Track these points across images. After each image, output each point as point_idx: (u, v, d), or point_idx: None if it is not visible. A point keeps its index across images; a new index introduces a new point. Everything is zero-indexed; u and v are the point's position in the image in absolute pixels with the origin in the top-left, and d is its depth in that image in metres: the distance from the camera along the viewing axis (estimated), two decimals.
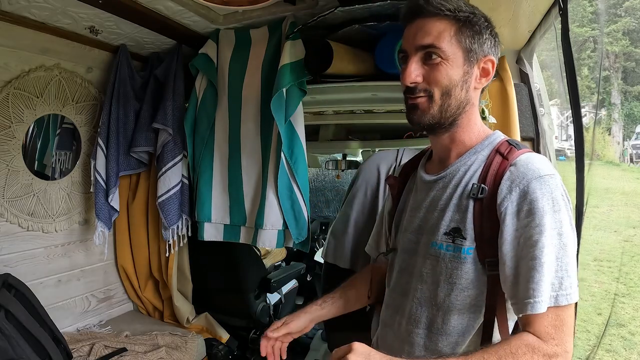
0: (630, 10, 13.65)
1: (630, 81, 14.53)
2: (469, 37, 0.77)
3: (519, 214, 0.70)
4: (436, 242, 0.79)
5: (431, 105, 0.78)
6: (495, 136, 0.83)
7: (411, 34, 0.79)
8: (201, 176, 1.64)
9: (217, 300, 2.07)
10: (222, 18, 1.50)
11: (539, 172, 0.71)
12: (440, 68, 0.77)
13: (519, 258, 0.69)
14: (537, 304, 0.65)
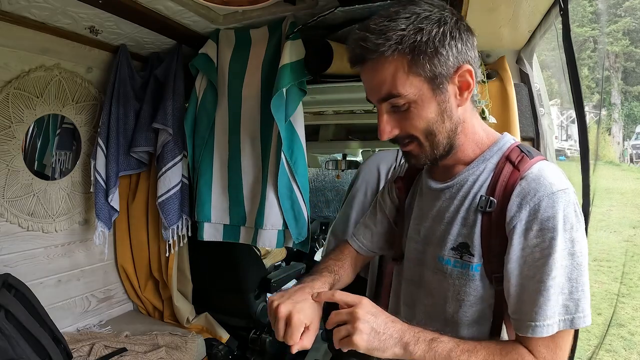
0: (630, 10, 13.64)
1: (630, 81, 14.52)
2: (428, 64, 0.66)
3: (528, 233, 0.66)
4: (443, 257, 0.76)
5: (422, 149, 0.73)
6: (504, 140, 0.77)
7: (366, 84, 0.72)
8: (201, 176, 1.64)
9: (217, 300, 2.07)
10: (222, 18, 1.50)
11: (551, 188, 0.66)
12: (411, 114, 0.70)
13: (524, 278, 0.66)
14: (539, 327, 0.64)
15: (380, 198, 1.01)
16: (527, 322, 0.65)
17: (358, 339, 0.64)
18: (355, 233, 1.02)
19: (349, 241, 1.02)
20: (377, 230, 1.00)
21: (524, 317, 0.66)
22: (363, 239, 1.01)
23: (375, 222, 1.00)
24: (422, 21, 0.65)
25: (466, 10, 0.94)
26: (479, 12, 0.95)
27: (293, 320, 0.68)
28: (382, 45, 0.65)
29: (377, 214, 1.01)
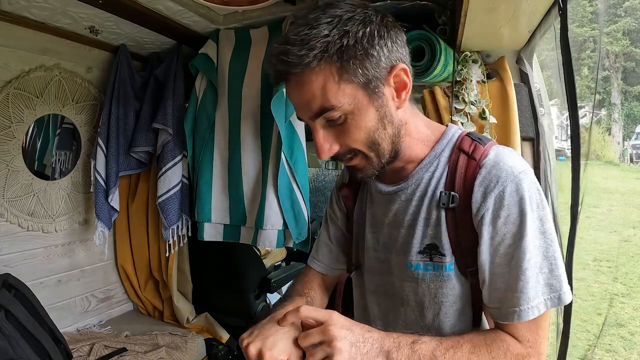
0: (630, 10, 13.65)
1: (630, 81, 14.53)
2: (359, 68, 0.61)
3: (497, 221, 0.65)
4: (411, 263, 0.72)
5: (367, 161, 0.68)
6: (452, 132, 0.75)
7: (294, 101, 0.65)
8: (201, 176, 1.64)
9: (217, 300, 2.07)
10: (222, 18, 1.50)
11: (513, 172, 0.65)
12: (349, 126, 0.64)
13: (499, 266, 0.65)
14: (523, 311, 0.62)
15: (330, 210, 0.95)
16: (510, 309, 0.63)
17: (339, 359, 0.58)
18: (314, 254, 0.96)
19: (309, 264, 0.96)
20: (334, 246, 0.93)
21: (505, 304, 0.64)
22: (322, 258, 0.94)
23: (331, 237, 0.94)
24: (345, 23, 0.60)
25: (466, 10, 0.94)
26: (479, 12, 0.95)
27: (265, 359, 0.60)
28: (306, 57, 0.59)
29: (329, 227, 0.94)
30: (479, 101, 1.22)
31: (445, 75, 1.24)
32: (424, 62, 1.19)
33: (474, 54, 1.25)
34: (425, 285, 0.72)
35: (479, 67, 1.24)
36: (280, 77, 0.63)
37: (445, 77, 1.25)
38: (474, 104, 1.22)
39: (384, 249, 0.79)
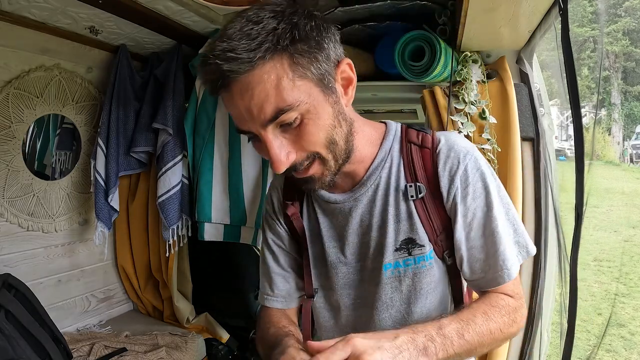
0: (630, 10, 13.65)
1: (630, 81, 14.53)
2: (313, 62, 0.57)
3: (466, 199, 0.68)
4: (390, 264, 0.71)
5: (325, 165, 0.63)
6: (393, 126, 0.75)
7: (240, 109, 0.56)
8: (201, 176, 1.64)
9: (217, 300, 2.07)
10: (222, 18, 1.50)
11: (466, 150, 0.69)
12: (306, 128, 0.58)
13: (475, 239, 0.68)
14: (509, 270, 0.67)
15: (270, 237, 0.85)
16: (497, 273, 0.67)
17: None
18: (266, 292, 0.86)
19: (266, 305, 0.85)
20: (290, 273, 0.85)
21: (490, 271, 0.68)
22: (280, 291, 0.84)
23: (283, 266, 0.84)
24: (291, 16, 0.56)
25: (466, 10, 0.94)
26: (479, 12, 0.95)
27: None
28: (257, 51, 0.53)
29: (277, 256, 0.85)
30: (478, 101, 1.22)
31: (445, 75, 1.24)
32: (424, 62, 1.19)
33: (474, 54, 1.24)
34: (409, 281, 0.72)
35: (479, 67, 1.24)
36: (224, 81, 0.55)
37: (445, 77, 1.25)
38: (473, 104, 1.22)
39: (354, 259, 0.75)
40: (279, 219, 0.83)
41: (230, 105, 0.58)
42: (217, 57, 0.54)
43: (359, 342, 0.52)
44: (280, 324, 0.78)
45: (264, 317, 0.84)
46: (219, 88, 0.56)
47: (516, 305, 0.68)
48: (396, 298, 0.73)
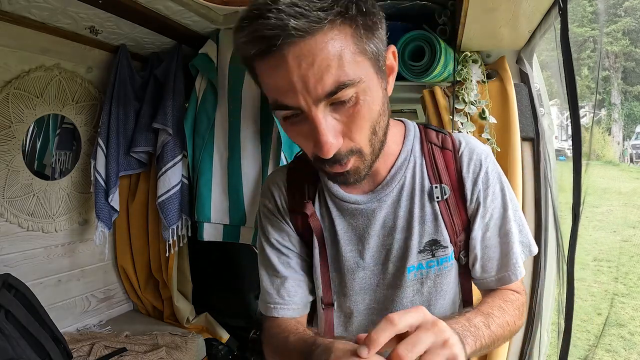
0: (630, 10, 13.65)
1: (630, 81, 14.53)
2: (373, 38, 0.52)
3: (486, 200, 0.69)
4: (414, 266, 0.69)
5: (363, 160, 0.58)
6: (410, 125, 0.73)
7: (289, 78, 0.48)
8: (201, 176, 1.64)
9: (217, 300, 2.07)
10: (222, 18, 1.50)
11: (485, 154, 0.70)
12: (360, 110, 0.52)
13: (491, 238, 0.70)
14: (520, 269, 0.69)
15: (278, 237, 0.75)
16: (509, 273, 0.69)
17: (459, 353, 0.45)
18: (275, 300, 0.74)
19: (275, 315, 0.73)
20: (303, 276, 0.76)
21: (502, 270, 0.70)
22: (292, 298, 0.74)
23: (295, 268, 0.75)
24: None
25: (466, 10, 0.94)
26: (479, 12, 0.95)
27: None
28: (329, 13, 0.46)
29: (289, 259, 0.75)
30: (479, 101, 1.22)
31: (445, 75, 1.24)
32: (424, 62, 1.19)
33: (474, 54, 1.24)
34: (431, 282, 0.71)
35: (479, 67, 1.24)
36: (284, 40, 0.46)
37: (445, 77, 1.25)
38: (474, 104, 1.22)
39: (374, 262, 0.71)
40: (285, 218, 0.75)
41: (275, 73, 0.50)
42: (281, 11, 0.45)
43: (442, 324, 0.46)
44: (300, 330, 0.68)
45: (275, 328, 0.72)
46: (267, 50, 0.47)
47: (523, 300, 0.71)
48: (417, 301, 0.71)
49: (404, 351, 0.43)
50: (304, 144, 0.57)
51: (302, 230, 0.74)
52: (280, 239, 0.75)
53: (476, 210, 0.69)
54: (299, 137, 0.56)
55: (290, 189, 0.75)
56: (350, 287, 0.73)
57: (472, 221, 0.70)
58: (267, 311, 0.75)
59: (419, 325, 0.46)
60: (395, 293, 0.71)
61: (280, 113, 0.54)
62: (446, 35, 1.21)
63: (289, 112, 0.53)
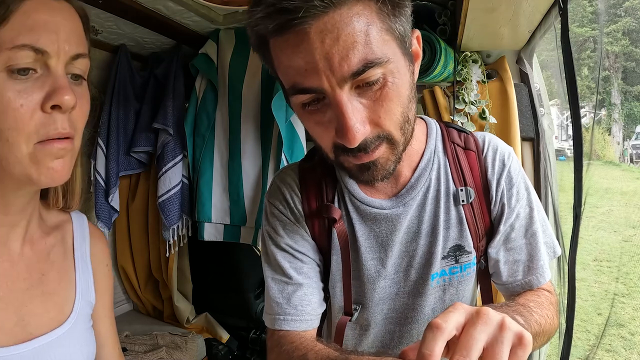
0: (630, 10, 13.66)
1: (630, 81, 14.53)
2: (398, 17, 0.48)
3: (511, 200, 0.66)
4: (437, 273, 0.65)
5: (393, 150, 0.53)
6: (431, 123, 0.69)
7: (312, 56, 0.45)
8: (201, 176, 1.64)
9: (217, 300, 2.07)
10: (222, 18, 1.50)
11: (508, 152, 0.68)
12: (388, 93, 0.48)
13: (517, 239, 0.66)
14: (545, 272, 0.66)
15: (290, 241, 0.68)
16: (536, 276, 0.66)
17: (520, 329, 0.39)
18: (286, 311, 0.65)
19: (285, 328, 0.64)
20: (317, 284, 0.68)
21: (530, 272, 0.66)
22: (305, 308, 0.65)
23: (308, 275, 0.68)
24: None
25: (466, 10, 0.94)
26: (479, 12, 0.95)
27: None
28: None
29: (302, 264, 0.68)
30: (479, 101, 1.22)
31: (446, 75, 1.24)
32: (424, 62, 1.18)
33: (474, 54, 1.24)
34: (453, 289, 0.67)
35: (479, 67, 1.24)
36: (307, 13, 0.42)
37: (445, 77, 1.25)
38: (474, 104, 1.22)
39: (395, 270, 0.67)
40: (299, 221, 0.68)
41: (295, 52, 0.46)
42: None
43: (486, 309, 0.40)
44: (319, 346, 0.59)
45: (286, 344, 0.62)
46: (287, 24, 0.44)
47: (556, 299, 0.66)
48: (438, 309, 0.67)
49: (460, 358, 0.36)
50: (324, 135, 0.51)
51: (318, 234, 0.68)
52: (293, 244, 0.68)
53: (501, 211, 0.66)
54: (317, 128, 0.52)
55: (304, 190, 0.68)
56: (369, 297, 0.68)
57: (496, 223, 0.66)
58: (274, 324, 0.66)
59: (465, 323, 0.39)
60: (416, 301, 0.67)
61: (299, 99, 0.50)
62: (446, 35, 1.21)
63: (308, 97, 0.48)
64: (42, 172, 0.50)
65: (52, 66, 0.50)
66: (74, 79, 0.54)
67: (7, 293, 0.54)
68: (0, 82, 0.47)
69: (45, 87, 0.49)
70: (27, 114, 0.48)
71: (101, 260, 0.70)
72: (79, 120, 0.54)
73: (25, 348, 0.53)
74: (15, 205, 0.56)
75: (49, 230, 0.63)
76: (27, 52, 0.47)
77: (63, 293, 0.61)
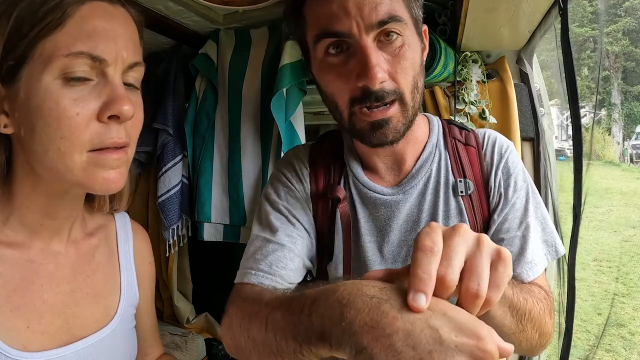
0: (630, 10, 13.67)
1: (630, 81, 14.54)
2: (416, 2, 0.58)
3: (507, 191, 0.67)
4: None
5: (403, 112, 0.58)
6: (433, 120, 0.74)
7: (345, 3, 0.53)
8: (201, 176, 1.64)
9: (217, 300, 2.07)
10: (222, 18, 1.50)
11: (506, 145, 0.70)
12: (405, 53, 0.55)
13: (510, 231, 0.66)
14: (538, 266, 0.64)
15: (289, 206, 0.69)
16: (528, 268, 0.64)
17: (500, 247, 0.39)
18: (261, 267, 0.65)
19: (252, 282, 0.65)
20: (299, 253, 0.67)
21: (520, 264, 0.64)
22: (282, 271, 0.64)
23: (293, 239, 0.67)
24: None
25: (466, 10, 0.94)
26: (479, 12, 0.96)
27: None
28: None
29: (295, 228, 0.68)
30: (479, 101, 1.22)
31: (446, 75, 1.24)
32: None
33: (474, 54, 1.25)
34: None
35: (479, 67, 1.24)
36: None
37: (445, 77, 1.25)
38: (474, 104, 1.22)
39: (393, 258, 0.68)
40: (306, 193, 0.70)
41: (331, 2, 0.53)
42: None
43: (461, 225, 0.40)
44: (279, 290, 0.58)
45: (250, 294, 0.60)
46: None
47: (545, 296, 0.61)
48: None
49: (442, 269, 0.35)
50: (343, 87, 0.56)
51: (321, 214, 0.70)
52: (291, 208, 0.69)
53: (497, 201, 0.67)
54: (338, 80, 0.57)
55: (313, 168, 0.72)
56: None
57: (492, 214, 0.67)
58: (243, 278, 0.66)
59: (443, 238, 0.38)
60: None
61: (325, 42, 0.56)
62: (446, 35, 1.21)
63: (333, 41, 0.55)
64: (97, 181, 0.49)
65: (110, 75, 0.48)
66: (129, 87, 0.52)
67: (52, 296, 0.54)
68: (55, 89, 0.45)
69: (103, 96, 0.47)
70: (83, 123, 0.46)
71: (145, 258, 0.70)
72: (134, 130, 0.53)
73: (69, 350, 0.53)
74: (62, 210, 0.55)
75: (92, 231, 0.63)
76: (85, 59, 0.46)
77: (108, 294, 0.61)
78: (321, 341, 0.38)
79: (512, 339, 0.54)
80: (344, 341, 0.35)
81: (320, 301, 0.40)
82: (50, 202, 0.54)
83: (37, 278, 0.53)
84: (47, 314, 0.53)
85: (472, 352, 0.32)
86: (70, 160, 0.47)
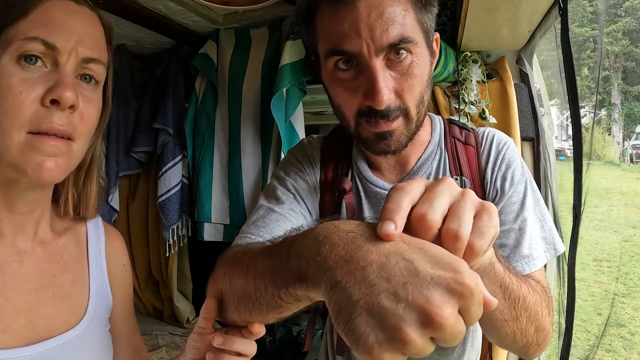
0: (630, 10, 13.66)
1: (630, 81, 14.54)
2: (426, 13, 0.58)
3: (504, 185, 0.67)
4: None
5: (407, 125, 0.60)
6: (436, 119, 0.75)
7: (357, 25, 0.53)
8: (201, 176, 1.64)
9: None
10: (222, 18, 1.50)
11: (504, 141, 0.70)
12: (413, 71, 0.57)
13: (507, 223, 0.66)
14: (535, 260, 0.63)
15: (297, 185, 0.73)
16: (524, 262, 0.64)
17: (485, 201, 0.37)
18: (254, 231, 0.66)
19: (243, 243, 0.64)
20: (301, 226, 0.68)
21: (515, 258, 0.64)
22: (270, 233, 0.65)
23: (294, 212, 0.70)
24: None
25: (466, 10, 0.94)
26: (479, 12, 0.96)
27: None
28: None
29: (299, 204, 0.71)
30: (479, 101, 1.22)
31: (446, 75, 1.24)
32: None
33: (474, 54, 1.25)
34: None
35: (479, 67, 1.24)
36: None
37: (445, 77, 1.25)
38: (474, 104, 1.22)
39: None
40: (315, 179, 0.73)
41: (342, 20, 0.54)
42: None
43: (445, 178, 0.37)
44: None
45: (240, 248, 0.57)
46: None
47: (542, 289, 0.60)
48: None
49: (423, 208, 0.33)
50: (350, 100, 0.58)
51: (327, 204, 0.72)
52: (299, 187, 0.72)
53: (494, 196, 0.68)
54: (345, 93, 0.59)
55: (324, 159, 0.75)
56: None
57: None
58: (239, 240, 0.65)
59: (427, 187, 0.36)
60: None
61: (334, 59, 0.57)
62: (446, 35, 1.21)
63: (343, 58, 0.56)
64: (29, 165, 0.49)
65: (61, 63, 0.50)
66: (85, 80, 0.53)
67: (15, 294, 0.53)
68: (9, 68, 0.48)
69: (50, 82, 0.49)
70: (26, 103, 0.48)
71: (117, 261, 0.69)
72: (83, 125, 0.52)
73: (33, 350, 0.52)
74: (20, 204, 0.55)
75: (61, 231, 0.62)
76: (37, 44, 0.49)
77: (76, 295, 0.60)
78: (298, 281, 0.37)
79: (506, 329, 0.53)
80: (319, 278, 0.34)
81: (298, 241, 0.38)
82: (6, 193, 0.53)
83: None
84: (10, 312, 0.52)
85: (449, 285, 0.30)
86: (9, 138, 0.48)
